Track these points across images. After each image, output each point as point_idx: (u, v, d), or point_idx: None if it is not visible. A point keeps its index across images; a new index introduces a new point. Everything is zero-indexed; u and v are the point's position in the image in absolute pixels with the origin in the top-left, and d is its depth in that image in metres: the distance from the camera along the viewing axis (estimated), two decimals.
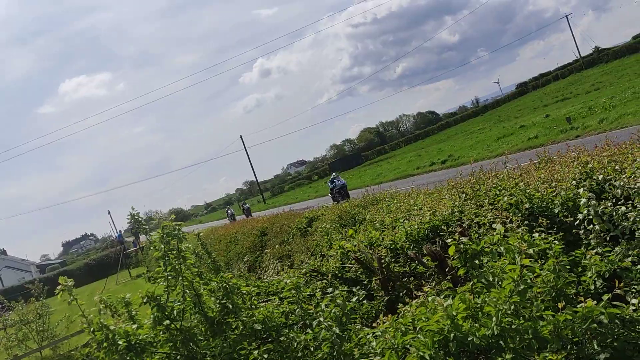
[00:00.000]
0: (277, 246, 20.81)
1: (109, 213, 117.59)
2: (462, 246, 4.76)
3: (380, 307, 6.67)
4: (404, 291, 6.83)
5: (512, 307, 3.87)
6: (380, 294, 6.89)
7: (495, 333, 3.86)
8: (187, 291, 5.68)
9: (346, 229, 14.12)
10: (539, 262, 4.61)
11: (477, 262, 4.75)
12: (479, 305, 4.07)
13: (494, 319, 3.92)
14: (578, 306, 4.08)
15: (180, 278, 5.63)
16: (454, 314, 3.96)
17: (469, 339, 3.93)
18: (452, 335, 3.93)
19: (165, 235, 5.74)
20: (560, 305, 3.98)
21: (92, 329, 5.23)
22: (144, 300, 5.47)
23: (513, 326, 3.86)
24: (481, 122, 74.13)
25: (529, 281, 3.91)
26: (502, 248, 4.48)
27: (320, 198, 41.87)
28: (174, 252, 5.75)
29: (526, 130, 38.53)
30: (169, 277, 5.64)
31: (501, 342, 3.92)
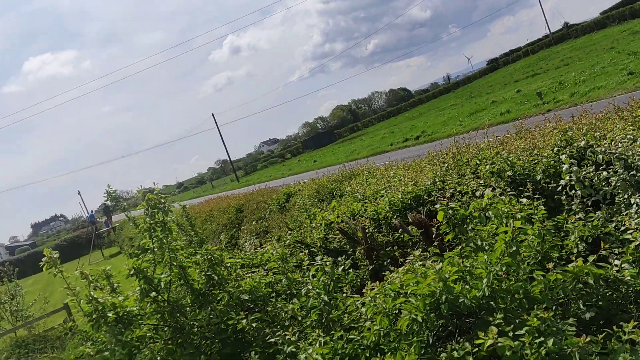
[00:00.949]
0: (253, 222, 20.77)
1: (79, 193, 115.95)
2: (450, 211, 4.81)
3: (365, 276, 6.74)
4: (388, 260, 6.90)
5: (504, 268, 3.94)
6: (365, 263, 6.95)
7: (487, 294, 3.93)
8: (174, 263, 5.65)
9: (324, 203, 14.18)
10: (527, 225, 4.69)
11: (465, 226, 4.81)
12: (468, 268, 4.14)
13: (484, 280, 3.99)
14: (569, 266, 4.17)
15: (167, 250, 5.59)
16: (447, 276, 4.02)
17: (460, 300, 4.00)
18: (443, 297, 3.99)
19: (150, 207, 5.69)
20: (549, 266, 4.07)
21: (80, 301, 5.17)
22: (131, 273, 5.43)
23: (504, 287, 3.94)
24: (453, 99, 74.46)
25: (520, 242, 3.98)
26: (490, 212, 4.55)
27: (296, 175, 41.80)
28: (159, 224, 5.71)
29: (498, 105, 38.85)
30: (155, 249, 5.60)
31: (492, 302, 4.00)
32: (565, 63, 54.23)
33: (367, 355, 4.64)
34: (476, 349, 3.75)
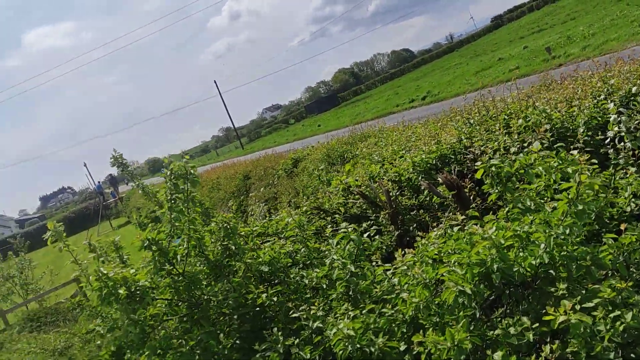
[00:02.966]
0: (262, 189, 20.38)
1: (85, 165, 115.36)
2: (493, 169, 4.30)
3: (390, 243, 6.28)
4: (415, 225, 6.43)
5: (567, 230, 3.43)
6: (390, 229, 6.47)
7: (545, 261, 3.45)
8: (191, 234, 5.17)
9: (334, 167, 13.70)
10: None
11: (511, 185, 4.31)
12: (524, 231, 3.63)
13: (542, 245, 3.50)
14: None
15: (187, 222, 5.10)
16: (501, 242, 3.53)
17: (514, 269, 3.52)
18: (495, 266, 3.51)
19: (173, 177, 5.14)
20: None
21: (88, 276, 4.73)
22: (145, 245, 4.95)
23: (564, 253, 3.45)
24: (457, 58, 73.24)
25: (587, 200, 3.47)
26: (540, 168, 4.04)
27: (301, 140, 41.18)
28: (183, 194, 5.19)
29: (505, 62, 37.95)
30: (174, 221, 5.10)
31: (551, 271, 3.53)
32: (571, 17, 53.01)
33: (404, 330, 4.18)
34: (536, 324, 3.30)
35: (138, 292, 4.79)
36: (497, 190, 4.31)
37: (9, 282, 23.24)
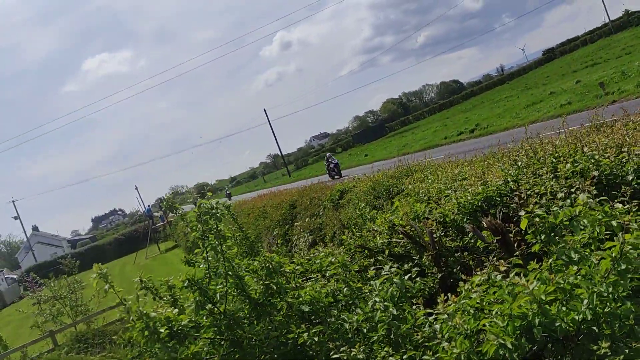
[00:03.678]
0: (307, 219, 20.50)
1: (136, 188, 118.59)
2: (537, 219, 4.28)
3: (433, 284, 6.25)
4: (458, 267, 6.40)
5: (610, 288, 3.40)
6: (433, 271, 6.45)
7: (588, 318, 3.42)
8: (230, 272, 5.29)
9: (380, 201, 13.70)
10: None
11: (554, 236, 4.28)
12: (566, 286, 3.60)
13: (585, 301, 3.47)
14: None
15: (222, 259, 5.24)
16: (542, 297, 3.51)
17: (556, 324, 3.49)
18: (537, 320, 3.49)
19: (202, 214, 5.32)
20: None
21: (131, 317, 4.89)
22: (185, 285, 5.11)
23: (607, 310, 3.40)
24: (507, 90, 72.52)
25: (632, 259, 3.43)
26: (585, 221, 4.01)
27: (347, 170, 41.35)
28: (213, 231, 5.35)
29: (556, 96, 37.32)
30: (210, 259, 5.26)
31: (594, 327, 3.48)
32: (626, 52, 51.90)
33: None
34: None
35: (180, 332, 4.92)
36: (540, 241, 4.29)
37: (59, 303, 23.86)
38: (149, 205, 67.88)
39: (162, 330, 4.83)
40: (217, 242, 5.32)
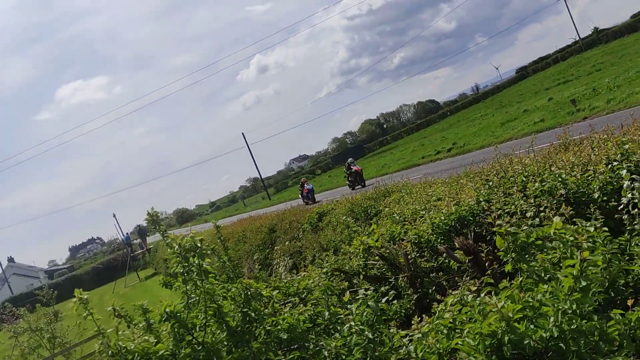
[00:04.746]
0: (287, 243, 20.51)
1: (114, 216, 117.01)
2: (509, 237, 4.37)
3: (409, 306, 6.33)
4: (433, 287, 6.49)
5: (574, 305, 3.50)
6: (409, 292, 6.54)
7: (555, 335, 3.51)
8: (209, 304, 5.30)
9: (358, 222, 13.79)
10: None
11: (526, 255, 4.38)
12: (533, 303, 3.70)
13: (551, 319, 3.56)
14: None
15: (202, 294, 5.24)
16: (510, 315, 3.60)
17: (525, 342, 3.58)
18: (506, 338, 3.57)
19: (183, 252, 5.31)
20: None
21: (110, 352, 4.87)
22: (164, 318, 5.10)
23: (573, 327, 3.50)
24: (483, 109, 73.43)
25: (591, 276, 3.54)
26: (557, 242, 4.11)
27: (327, 192, 41.40)
28: (194, 268, 5.34)
29: (530, 114, 37.94)
30: (189, 293, 5.26)
31: (561, 344, 3.57)
32: (597, 69, 52.99)
33: None
34: None
35: None
36: (512, 259, 4.38)
37: (37, 335, 23.41)
38: (127, 233, 67.01)
39: None
40: (198, 278, 5.30)
